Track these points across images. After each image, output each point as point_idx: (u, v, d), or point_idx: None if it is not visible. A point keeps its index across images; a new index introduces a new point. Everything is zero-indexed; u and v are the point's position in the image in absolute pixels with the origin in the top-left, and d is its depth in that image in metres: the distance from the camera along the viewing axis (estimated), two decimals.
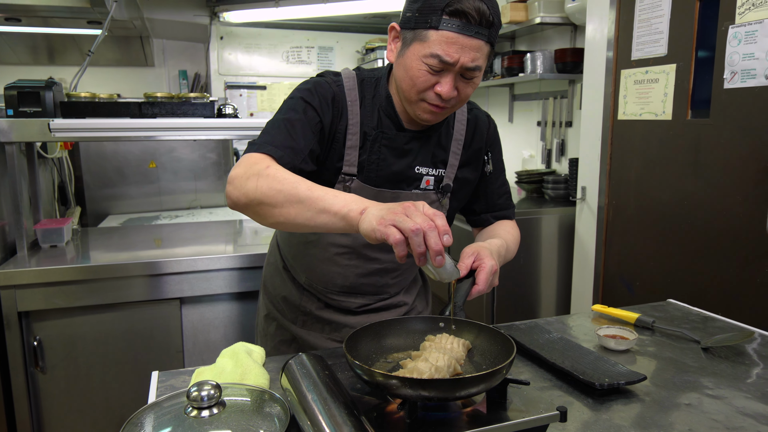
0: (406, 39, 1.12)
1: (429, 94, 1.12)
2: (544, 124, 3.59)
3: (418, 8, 1.08)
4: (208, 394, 0.82)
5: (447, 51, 1.06)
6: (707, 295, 2.12)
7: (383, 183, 1.24)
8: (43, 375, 1.94)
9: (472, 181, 1.37)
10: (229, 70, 5.09)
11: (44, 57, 4.83)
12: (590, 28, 2.65)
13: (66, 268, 1.90)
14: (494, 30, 1.09)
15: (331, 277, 1.33)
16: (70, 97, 2.14)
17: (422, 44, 1.08)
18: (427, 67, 1.09)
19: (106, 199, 3.16)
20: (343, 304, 1.36)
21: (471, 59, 1.07)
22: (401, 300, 1.42)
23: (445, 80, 1.10)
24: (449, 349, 1.00)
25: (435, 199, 1.30)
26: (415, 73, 1.11)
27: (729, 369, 1.11)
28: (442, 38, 1.06)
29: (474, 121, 1.34)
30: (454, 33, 1.05)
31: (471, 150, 1.33)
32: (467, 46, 1.06)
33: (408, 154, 1.25)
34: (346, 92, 1.22)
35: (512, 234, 1.39)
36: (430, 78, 1.10)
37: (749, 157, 1.95)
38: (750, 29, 1.90)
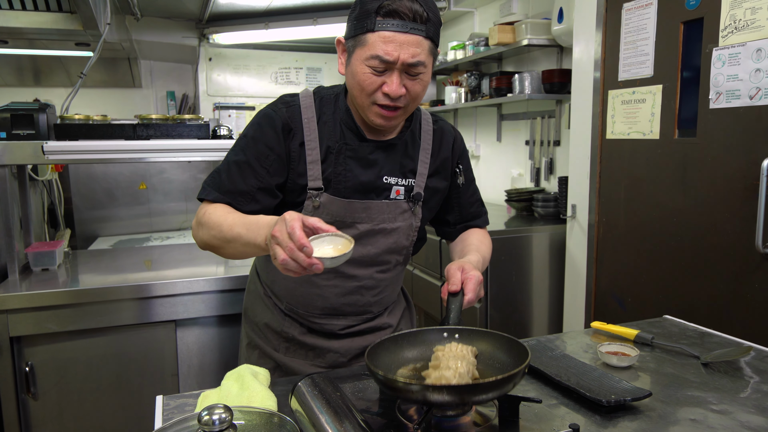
0: (349, 48, 1.17)
1: (378, 96, 1.16)
2: (533, 143, 3.64)
3: (355, 16, 1.14)
4: (219, 417, 0.82)
5: (385, 50, 1.10)
6: (699, 310, 2.16)
7: (352, 194, 1.26)
8: (35, 401, 1.90)
9: (443, 190, 1.40)
10: (217, 91, 5.10)
11: (30, 78, 4.81)
12: (577, 50, 2.72)
13: (58, 291, 1.88)
14: (431, 25, 1.13)
15: (311, 299, 1.32)
16: (63, 120, 2.13)
17: (363, 48, 1.13)
18: (370, 69, 1.13)
19: (96, 221, 3.14)
20: (326, 327, 1.34)
21: (411, 55, 1.11)
22: (385, 322, 1.42)
23: (391, 79, 1.13)
24: (462, 356, 1.01)
25: (407, 208, 1.31)
26: (361, 77, 1.15)
27: (729, 383, 1.13)
28: (380, 38, 1.10)
29: (440, 132, 1.38)
30: (390, 32, 1.10)
31: (439, 159, 1.37)
32: (405, 42, 1.10)
33: (374, 165, 1.27)
34: (302, 110, 1.25)
35: (485, 244, 1.44)
36: (375, 79, 1.14)
37: (735, 175, 2.00)
38: (733, 51, 1.97)
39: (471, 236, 1.46)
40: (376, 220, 1.28)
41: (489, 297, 2.96)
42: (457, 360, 0.97)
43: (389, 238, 1.31)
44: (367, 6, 1.11)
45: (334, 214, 1.25)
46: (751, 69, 1.90)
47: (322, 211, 1.24)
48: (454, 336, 1.10)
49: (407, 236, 1.34)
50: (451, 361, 0.97)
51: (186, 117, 2.21)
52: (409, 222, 1.32)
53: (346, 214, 1.25)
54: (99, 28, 2.64)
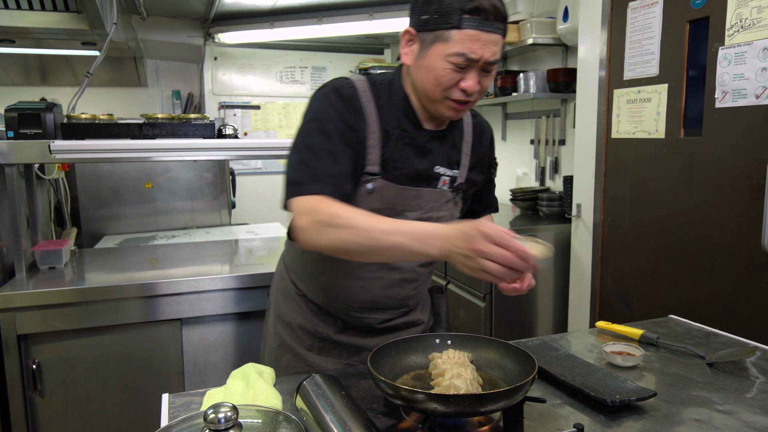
0: (426, 41, 1.15)
1: (454, 92, 1.16)
2: (538, 143, 3.64)
3: (436, 9, 1.11)
4: (225, 416, 0.83)
5: (471, 48, 1.10)
6: (704, 310, 2.15)
7: (406, 181, 1.25)
8: (42, 399, 1.91)
9: (479, 183, 1.42)
10: (223, 90, 5.11)
11: (36, 78, 4.84)
12: (582, 49, 2.71)
13: (65, 290, 1.89)
14: (506, 23, 1.15)
15: (353, 292, 1.31)
16: (70, 119, 2.14)
17: (445, 44, 1.11)
18: (451, 65, 1.13)
19: (102, 220, 3.15)
20: (365, 320, 1.34)
21: (492, 53, 1.12)
22: (419, 318, 1.44)
23: (470, 76, 1.14)
24: (462, 363, 1.01)
25: (450, 197, 1.32)
26: (440, 73, 1.14)
27: (735, 384, 1.13)
28: (465, 36, 1.10)
29: (479, 126, 1.40)
30: (476, 30, 1.09)
31: (479, 153, 1.38)
32: (488, 41, 1.11)
33: (429, 153, 1.28)
34: (360, 93, 1.22)
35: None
36: (455, 75, 1.14)
37: (742, 174, 1.99)
38: (739, 50, 1.96)
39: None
40: (424, 208, 1.28)
41: (493, 296, 2.96)
42: (461, 368, 0.98)
43: None
44: (450, 0, 1.10)
45: (386, 200, 1.23)
46: (758, 68, 1.89)
47: (375, 197, 1.22)
48: (447, 342, 1.11)
49: None
50: (455, 369, 0.97)
51: (192, 116, 2.22)
52: (451, 212, 1.34)
53: (398, 201, 1.24)
54: (105, 28, 2.65)
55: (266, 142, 2.35)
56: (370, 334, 1.37)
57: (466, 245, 0.91)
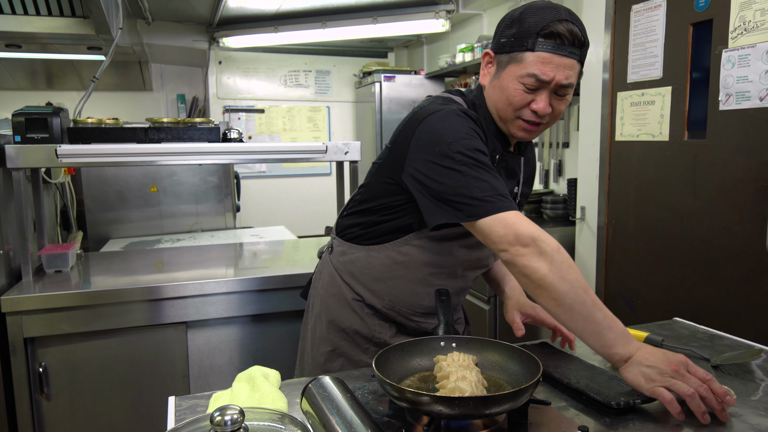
0: (502, 62, 1.18)
1: (525, 112, 1.18)
2: (541, 145, 3.64)
3: (513, 33, 1.15)
4: (231, 418, 0.83)
5: (543, 70, 1.13)
6: (709, 312, 2.15)
7: None
8: (48, 402, 1.92)
9: (525, 197, 1.45)
10: (227, 93, 5.14)
11: (42, 82, 4.87)
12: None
13: (72, 293, 1.90)
14: (584, 50, 1.16)
15: (418, 298, 1.32)
16: (76, 123, 2.16)
17: (518, 65, 1.15)
18: (523, 86, 1.15)
19: (108, 223, 3.17)
20: (423, 325, 1.36)
21: (565, 77, 1.14)
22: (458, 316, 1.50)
23: (541, 97, 1.16)
24: (466, 366, 1.02)
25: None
26: (511, 93, 1.17)
27: (740, 386, 1.13)
28: (538, 59, 1.12)
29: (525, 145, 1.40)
30: (549, 53, 1.12)
31: (529, 168, 1.41)
32: (561, 64, 1.13)
33: (515, 175, 1.32)
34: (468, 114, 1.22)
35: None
36: (526, 96, 1.16)
37: (746, 177, 1.99)
38: (743, 53, 1.96)
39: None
40: None
41: (498, 299, 2.96)
42: (466, 370, 0.98)
43: None
44: (529, 25, 1.12)
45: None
46: (761, 70, 1.90)
47: None
48: (452, 345, 1.11)
49: None
50: (460, 372, 0.97)
51: (197, 120, 2.24)
52: None
53: None
54: (111, 33, 2.67)
55: (271, 145, 2.36)
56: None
57: (665, 364, 0.99)
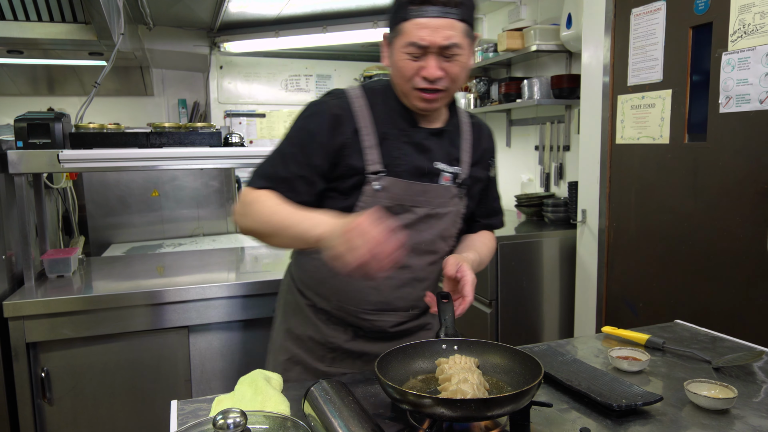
0: (390, 39, 1.24)
1: (417, 81, 1.21)
2: (542, 149, 3.64)
3: (393, 8, 1.21)
4: (234, 421, 0.83)
5: (419, 35, 1.16)
6: (710, 315, 2.15)
7: (409, 177, 1.28)
8: (50, 406, 1.92)
9: (482, 181, 1.44)
10: (228, 98, 5.14)
11: (44, 88, 4.88)
12: (586, 55, 2.72)
13: (74, 298, 1.91)
14: (465, 8, 1.18)
15: (364, 293, 1.32)
16: (78, 128, 2.17)
17: (400, 37, 1.19)
18: (407, 56, 1.19)
19: (109, 228, 3.17)
20: (378, 323, 1.34)
21: (444, 38, 1.16)
22: (429, 322, 1.45)
23: (428, 63, 1.19)
24: (468, 368, 1.02)
25: (456, 193, 1.35)
26: (400, 65, 1.21)
27: (741, 388, 1.13)
28: (414, 26, 1.16)
29: (478, 126, 1.44)
30: (423, 18, 1.15)
31: (479, 150, 1.41)
32: (438, 26, 1.16)
33: (428, 150, 1.31)
34: (353, 101, 1.28)
35: (488, 246, 1.48)
36: (413, 65, 1.20)
37: (747, 179, 1.99)
38: (743, 56, 1.96)
39: (479, 236, 1.50)
40: (432, 203, 1.31)
41: (499, 302, 2.96)
42: (468, 372, 0.98)
43: (441, 223, 1.34)
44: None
45: (395, 197, 1.27)
46: (761, 73, 1.90)
47: (383, 195, 1.26)
48: (453, 348, 1.12)
49: (455, 223, 1.38)
50: (461, 374, 0.98)
51: (198, 125, 2.24)
52: (457, 208, 1.36)
53: (406, 197, 1.28)
54: (113, 38, 2.68)
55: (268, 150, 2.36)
56: (381, 341, 1.36)
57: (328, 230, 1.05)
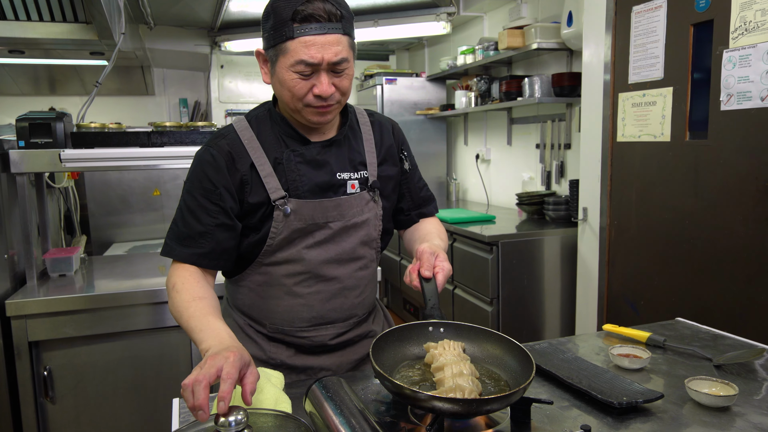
0: (271, 57, 1.19)
1: (309, 98, 1.19)
2: (543, 147, 3.64)
3: (271, 26, 1.16)
4: (236, 419, 0.84)
5: (308, 53, 1.13)
6: (712, 313, 2.15)
7: (312, 196, 1.27)
8: (53, 405, 1.93)
9: (395, 177, 1.42)
10: (229, 97, 5.15)
11: (45, 87, 4.89)
12: (587, 53, 2.72)
13: (76, 297, 1.91)
14: (346, 21, 1.16)
15: (295, 312, 1.31)
16: (79, 128, 2.17)
17: (285, 56, 1.15)
18: (297, 75, 1.16)
19: (111, 227, 3.18)
20: (316, 339, 1.32)
21: (334, 54, 1.14)
22: (372, 330, 1.42)
23: (319, 80, 1.16)
24: (458, 355, 1.03)
25: (369, 198, 1.33)
26: (290, 84, 1.17)
27: (742, 386, 1.13)
28: (300, 44, 1.13)
29: (378, 123, 1.41)
30: (309, 36, 1.12)
31: (383, 148, 1.39)
32: (326, 43, 1.13)
33: (325, 164, 1.29)
34: (239, 134, 1.26)
35: (443, 231, 1.48)
36: (304, 84, 1.17)
37: (748, 177, 1.99)
38: (744, 53, 1.96)
39: (428, 224, 1.49)
40: (346, 216, 1.29)
41: (501, 300, 2.97)
42: (461, 363, 0.99)
43: (360, 231, 1.33)
44: (281, 14, 1.13)
45: (307, 217, 1.25)
46: (762, 70, 1.90)
47: (294, 218, 1.24)
48: (440, 330, 1.14)
49: (375, 227, 1.36)
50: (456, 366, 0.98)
51: (199, 124, 2.25)
52: (374, 212, 1.35)
53: (318, 215, 1.26)
54: (114, 38, 2.68)
55: None
56: (324, 353, 1.34)
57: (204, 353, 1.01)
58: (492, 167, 4.34)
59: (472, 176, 4.59)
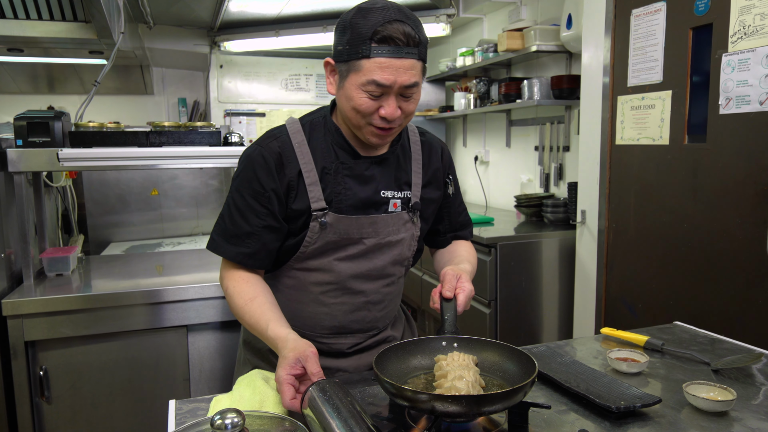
0: (342, 71, 1.17)
1: (374, 119, 1.18)
2: (542, 149, 3.64)
3: (348, 41, 1.14)
4: (232, 421, 0.83)
5: (382, 76, 1.12)
6: (709, 316, 2.15)
7: (353, 211, 1.27)
8: (49, 405, 1.92)
9: (437, 200, 1.42)
10: (228, 97, 5.15)
11: (44, 86, 4.88)
12: (586, 56, 2.72)
13: (73, 296, 1.91)
14: (422, 47, 1.16)
15: (318, 319, 1.32)
16: (78, 127, 2.16)
17: (358, 74, 1.14)
18: (367, 94, 1.15)
19: (109, 227, 3.17)
20: (334, 346, 1.34)
21: (407, 78, 1.14)
22: (391, 335, 1.42)
23: (387, 102, 1.16)
24: (465, 365, 1.02)
25: (408, 219, 1.33)
26: (357, 102, 1.16)
27: (740, 390, 1.13)
28: (376, 65, 1.12)
29: (428, 144, 1.41)
30: (386, 58, 1.11)
31: (430, 170, 1.39)
32: (401, 67, 1.12)
33: (371, 180, 1.29)
34: (291, 137, 1.26)
35: (473, 255, 1.48)
36: (372, 104, 1.16)
37: (746, 180, 1.99)
38: (743, 57, 1.96)
39: (459, 247, 1.49)
40: (381, 233, 1.29)
41: (498, 303, 2.96)
42: (464, 370, 0.98)
43: (394, 250, 1.33)
44: (360, 31, 1.12)
45: (342, 231, 1.26)
46: (761, 74, 1.90)
47: (329, 231, 1.25)
48: (453, 345, 1.12)
49: (409, 247, 1.36)
50: (457, 371, 0.98)
51: (198, 124, 2.24)
52: (411, 232, 1.34)
53: (353, 231, 1.26)
54: (113, 37, 2.68)
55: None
56: (342, 355, 1.35)
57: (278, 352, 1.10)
58: (491, 169, 4.34)
59: (471, 178, 4.59)
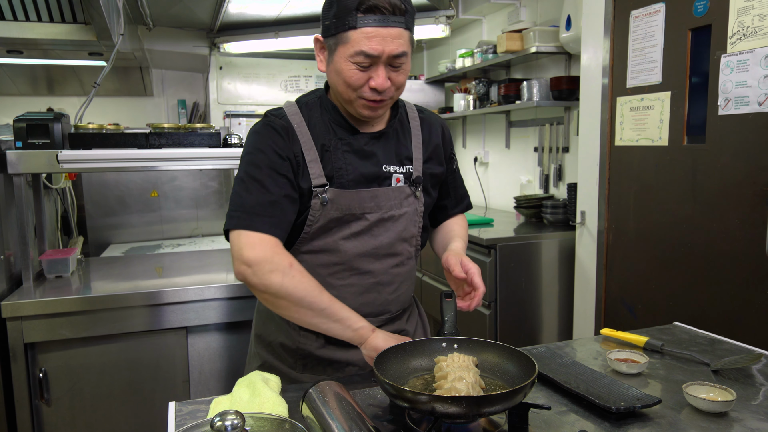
0: (331, 46, 1.19)
1: (365, 91, 1.18)
2: (541, 150, 3.64)
3: (334, 14, 1.15)
4: (231, 423, 0.83)
5: (370, 45, 1.13)
6: (709, 317, 2.15)
7: (355, 186, 1.27)
8: (48, 407, 1.92)
9: (439, 176, 1.43)
10: (228, 99, 5.15)
11: (44, 88, 4.88)
12: (585, 57, 2.72)
13: (72, 298, 1.90)
14: (409, 16, 1.16)
15: None
16: (77, 129, 2.16)
17: (345, 46, 1.15)
18: (355, 65, 1.15)
19: (108, 229, 3.17)
20: None
21: (395, 47, 1.14)
22: (404, 329, 1.42)
23: (377, 73, 1.16)
24: (466, 366, 1.02)
25: (410, 193, 1.33)
26: (347, 74, 1.17)
27: (740, 391, 1.13)
28: (363, 35, 1.12)
29: (427, 120, 1.42)
30: (372, 27, 1.12)
31: (431, 146, 1.40)
32: (388, 36, 1.13)
33: (372, 155, 1.29)
34: (290, 118, 1.27)
35: (464, 227, 1.51)
36: (361, 75, 1.16)
37: (745, 181, 1.99)
38: (741, 58, 1.97)
39: (452, 223, 1.51)
40: (384, 207, 1.29)
41: (498, 303, 2.96)
42: (464, 371, 0.98)
43: (398, 225, 1.32)
44: (345, 3, 1.13)
45: (344, 207, 1.26)
46: (760, 75, 1.90)
47: (331, 207, 1.25)
48: (453, 346, 1.12)
49: (414, 223, 1.36)
50: (457, 372, 0.98)
51: (198, 126, 2.24)
52: (414, 207, 1.35)
53: (355, 205, 1.26)
54: (112, 39, 2.68)
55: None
56: (353, 347, 1.32)
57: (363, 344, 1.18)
58: (490, 170, 4.34)
59: (470, 179, 4.58)
